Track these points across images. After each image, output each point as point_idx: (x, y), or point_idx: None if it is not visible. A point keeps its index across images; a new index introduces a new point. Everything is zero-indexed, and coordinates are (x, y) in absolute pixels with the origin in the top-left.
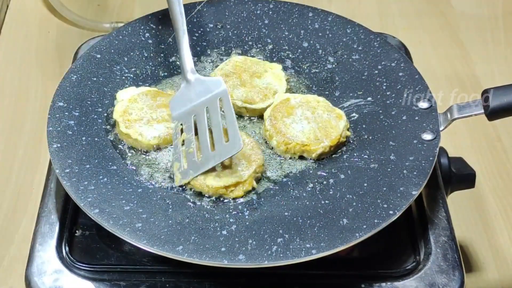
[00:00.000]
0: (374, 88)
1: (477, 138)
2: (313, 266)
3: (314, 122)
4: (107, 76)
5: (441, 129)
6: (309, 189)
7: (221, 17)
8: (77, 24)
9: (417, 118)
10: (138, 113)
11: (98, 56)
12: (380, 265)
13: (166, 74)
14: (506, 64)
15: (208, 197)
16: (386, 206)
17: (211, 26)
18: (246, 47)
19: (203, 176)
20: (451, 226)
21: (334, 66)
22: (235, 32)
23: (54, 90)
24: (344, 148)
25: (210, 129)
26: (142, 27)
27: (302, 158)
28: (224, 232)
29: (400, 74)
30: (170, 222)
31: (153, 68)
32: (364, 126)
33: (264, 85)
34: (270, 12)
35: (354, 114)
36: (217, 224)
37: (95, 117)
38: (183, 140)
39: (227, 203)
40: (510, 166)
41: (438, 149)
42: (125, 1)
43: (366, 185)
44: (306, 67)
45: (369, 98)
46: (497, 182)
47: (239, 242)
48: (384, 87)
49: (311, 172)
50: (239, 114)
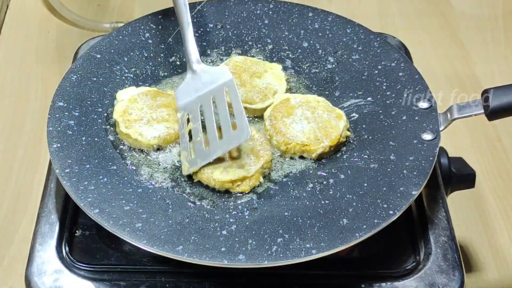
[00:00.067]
0: (374, 88)
1: (477, 138)
2: (313, 266)
3: (314, 122)
4: (107, 76)
5: (441, 129)
6: (309, 189)
7: (221, 17)
8: (77, 24)
9: (417, 118)
10: (138, 113)
11: (98, 56)
12: (380, 265)
13: (166, 74)
14: (506, 64)
15: (208, 197)
16: (386, 206)
17: (211, 26)
18: (246, 47)
19: (210, 170)
20: (451, 226)
21: (334, 66)
22: (235, 32)
23: (54, 90)
24: (344, 148)
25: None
26: (142, 27)
27: (302, 158)
28: (224, 232)
29: (400, 74)
30: (170, 222)
31: (153, 68)
32: (364, 126)
33: (264, 85)
34: (270, 12)
35: (354, 114)
36: (217, 224)
37: (95, 117)
38: (190, 130)
39: (227, 203)
40: (510, 166)
41: (438, 149)
42: (125, 1)
43: (366, 185)
44: (306, 67)
45: (369, 98)
46: (497, 182)
47: (239, 242)
48: (384, 87)
49: (311, 172)
50: None
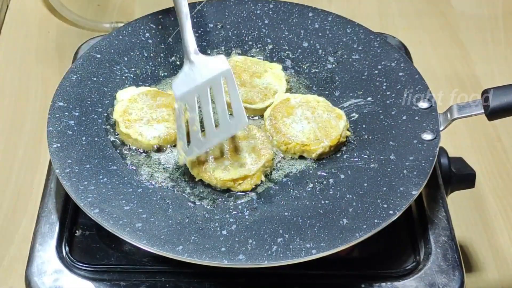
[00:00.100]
0: (374, 88)
1: (477, 138)
2: (313, 266)
3: (314, 122)
4: (107, 76)
5: (441, 129)
6: (309, 189)
7: (221, 17)
8: (77, 24)
9: (417, 118)
10: (138, 113)
11: (98, 56)
12: (380, 265)
13: (166, 74)
14: (506, 64)
15: (208, 197)
16: (386, 206)
17: (211, 26)
18: (246, 47)
19: (212, 168)
20: (451, 226)
21: (334, 66)
22: (235, 32)
23: (54, 90)
24: (344, 148)
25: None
26: (142, 27)
27: (302, 158)
28: (224, 232)
29: (400, 74)
30: (170, 222)
31: (153, 68)
32: (364, 126)
33: (264, 85)
34: (270, 12)
35: (354, 114)
36: (217, 224)
37: (95, 117)
38: (187, 120)
39: (227, 203)
40: (510, 166)
41: (438, 149)
42: (125, 1)
43: (366, 185)
44: (306, 67)
45: (369, 98)
46: (497, 182)
47: (239, 242)
48: (384, 87)
49: (311, 172)
50: None
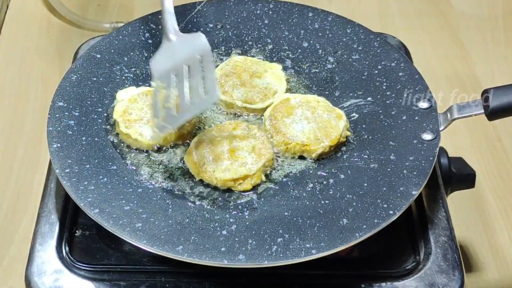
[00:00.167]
0: (374, 88)
1: (477, 138)
2: (313, 266)
3: (314, 122)
4: (107, 76)
5: (441, 129)
6: (309, 189)
7: (221, 17)
8: (77, 24)
9: (417, 118)
10: (138, 113)
11: (98, 56)
12: (380, 265)
13: None
14: (506, 64)
15: (208, 197)
16: (386, 206)
17: (211, 26)
18: (246, 47)
19: (212, 168)
20: (451, 226)
21: (334, 66)
22: (235, 32)
23: (54, 90)
24: (344, 148)
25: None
26: (142, 27)
27: (302, 158)
28: (224, 232)
29: (400, 74)
30: (170, 222)
31: None
32: (364, 126)
33: (264, 85)
34: (270, 12)
35: (354, 114)
36: (217, 224)
37: (95, 117)
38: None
39: (227, 203)
40: (510, 166)
41: (438, 149)
42: (125, 1)
43: (366, 185)
44: (306, 67)
45: (369, 98)
46: (497, 182)
47: (239, 242)
48: (384, 87)
49: (311, 172)
50: (239, 114)
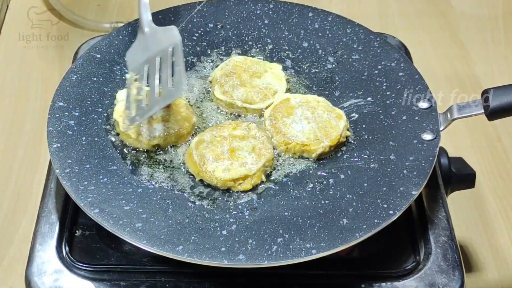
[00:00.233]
0: (374, 88)
1: (477, 138)
2: (313, 266)
3: (314, 122)
4: (107, 76)
5: (441, 129)
6: (309, 189)
7: (221, 17)
8: (77, 24)
9: (417, 118)
10: None
11: (98, 56)
12: (380, 265)
13: None
14: (506, 64)
15: (208, 197)
16: (386, 206)
17: (211, 26)
18: (246, 47)
19: (212, 168)
20: (451, 226)
21: (334, 66)
22: (235, 32)
23: (54, 90)
24: (344, 148)
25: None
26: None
27: (302, 158)
28: (224, 232)
29: (400, 74)
30: (170, 222)
31: None
32: (364, 126)
33: (264, 85)
34: (270, 12)
35: (354, 114)
36: (217, 224)
37: (95, 117)
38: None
39: (227, 203)
40: (510, 166)
41: (438, 149)
42: (125, 1)
43: (366, 185)
44: (306, 67)
45: (369, 98)
46: (497, 182)
47: (239, 242)
48: (384, 87)
49: (311, 172)
50: (239, 114)
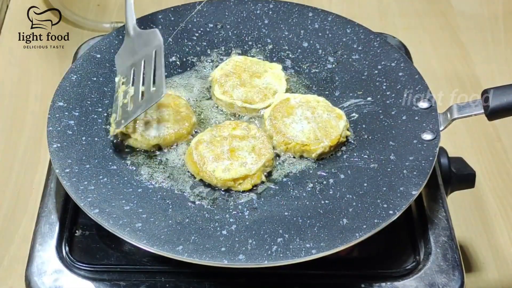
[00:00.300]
0: (374, 88)
1: (477, 138)
2: (313, 266)
3: (314, 122)
4: (107, 76)
5: (441, 129)
6: (309, 189)
7: (221, 17)
8: (77, 24)
9: (417, 118)
10: None
11: (98, 56)
12: (380, 265)
13: (166, 74)
14: (506, 64)
15: (208, 197)
16: (386, 206)
17: (211, 26)
18: (246, 47)
19: (212, 168)
20: (451, 226)
21: (334, 66)
22: (235, 32)
23: (54, 90)
24: (344, 148)
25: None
26: (142, 27)
27: (302, 158)
28: (224, 232)
29: (400, 74)
30: (170, 222)
31: None
32: (364, 126)
33: (264, 85)
34: (270, 12)
35: (354, 114)
36: (217, 224)
37: (95, 117)
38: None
39: (227, 203)
40: (510, 166)
41: (438, 149)
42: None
43: (366, 185)
44: (306, 67)
45: (369, 98)
46: (497, 182)
47: (239, 242)
48: (384, 87)
49: (311, 172)
50: (239, 114)
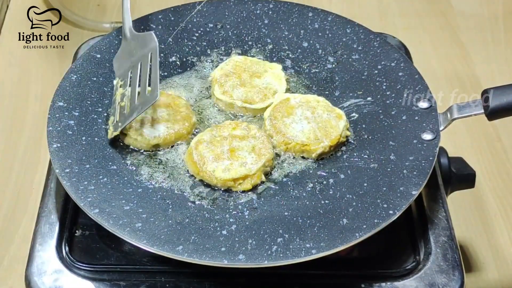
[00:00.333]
0: (374, 88)
1: (477, 138)
2: (313, 266)
3: (314, 122)
4: (107, 76)
5: (441, 129)
6: (309, 189)
7: (221, 17)
8: (77, 24)
9: (417, 118)
10: None
11: (98, 56)
12: (380, 265)
13: (166, 74)
14: (506, 64)
15: (208, 197)
16: (386, 206)
17: (211, 26)
18: (246, 47)
19: (212, 168)
20: (451, 226)
21: (334, 66)
22: (235, 32)
23: (54, 90)
24: (344, 148)
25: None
26: (142, 27)
27: (302, 158)
28: (224, 232)
29: (400, 74)
30: (170, 222)
31: None
32: (364, 126)
33: (264, 85)
34: (270, 12)
35: (354, 114)
36: (217, 224)
37: (95, 117)
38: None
39: (227, 203)
40: (510, 166)
41: (438, 149)
42: None
43: (366, 185)
44: (306, 67)
45: (369, 98)
46: (497, 182)
47: (239, 242)
48: (384, 87)
49: (311, 172)
50: (239, 114)
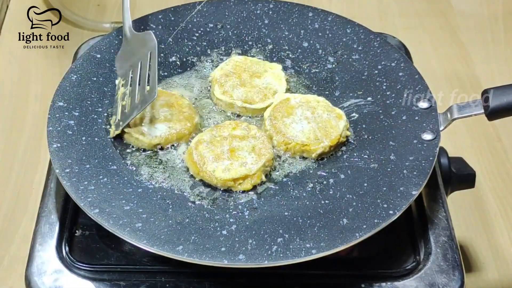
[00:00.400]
0: (374, 88)
1: (477, 138)
2: (313, 266)
3: (314, 122)
4: (107, 76)
5: (441, 129)
6: (309, 189)
7: (221, 17)
8: (77, 24)
9: (417, 118)
10: None
11: (98, 56)
12: (380, 265)
13: (166, 74)
14: (506, 64)
15: (208, 197)
16: (386, 206)
17: (211, 26)
18: (246, 47)
19: (212, 168)
20: (451, 226)
21: (334, 66)
22: (235, 32)
23: (54, 90)
24: (344, 148)
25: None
26: (142, 27)
27: (302, 158)
28: (224, 232)
29: (400, 74)
30: (170, 222)
31: None
32: (364, 126)
33: (264, 85)
34: (270, 12)
35: (354, 114)
36: (217, 224)
37: (95, 117)
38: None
39: (227, 203)
40: (510, 166)
41: (438, 149)
42: None
43: (366, 185)
44: (306, 67)
45: (369, 98)
46: (497, 182)
47: (239, 242)
48: (384, 87)
49: (311, 172)
50: (239, 114)
